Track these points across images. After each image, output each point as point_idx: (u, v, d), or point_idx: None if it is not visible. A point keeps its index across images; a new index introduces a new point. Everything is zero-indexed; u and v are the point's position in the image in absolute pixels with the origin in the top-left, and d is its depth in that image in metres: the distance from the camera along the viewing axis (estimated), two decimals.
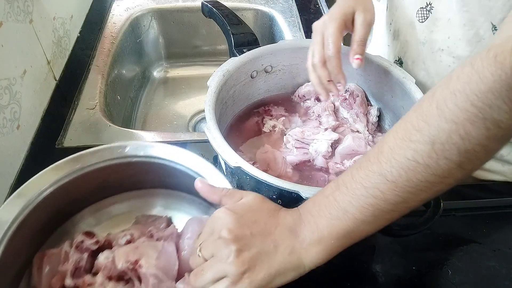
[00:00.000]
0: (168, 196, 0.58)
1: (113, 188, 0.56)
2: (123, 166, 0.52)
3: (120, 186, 0.56)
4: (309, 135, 0.64)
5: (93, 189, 0.53)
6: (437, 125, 0.34)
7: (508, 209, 0.65)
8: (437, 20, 0.60)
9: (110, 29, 1.02)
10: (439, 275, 0.57)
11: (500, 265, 0.58)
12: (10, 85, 0.67)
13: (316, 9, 1.15)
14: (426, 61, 0.65)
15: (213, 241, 0.39)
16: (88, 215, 0.55)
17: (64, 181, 0.49)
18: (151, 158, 0.52)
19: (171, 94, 1.15)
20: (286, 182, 0.47)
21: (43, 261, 0.47)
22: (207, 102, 0.57)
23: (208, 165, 0.50)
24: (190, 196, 0.57)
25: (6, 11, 0.68)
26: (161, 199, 0.58)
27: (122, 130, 0.77)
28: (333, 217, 0.38)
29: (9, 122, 0.66)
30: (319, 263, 0.39)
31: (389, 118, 0.67)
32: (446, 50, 0.60)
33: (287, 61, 0.70)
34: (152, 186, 0.58)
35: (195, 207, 0.57)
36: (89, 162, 0.51)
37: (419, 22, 0.62)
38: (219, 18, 0.78)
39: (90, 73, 0.89)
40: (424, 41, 0.64)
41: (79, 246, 0.48)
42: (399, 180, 0.36)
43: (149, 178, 0.56)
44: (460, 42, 0.58)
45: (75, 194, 0.52)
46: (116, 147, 0.52)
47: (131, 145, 0.52)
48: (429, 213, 0.48)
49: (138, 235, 0.50)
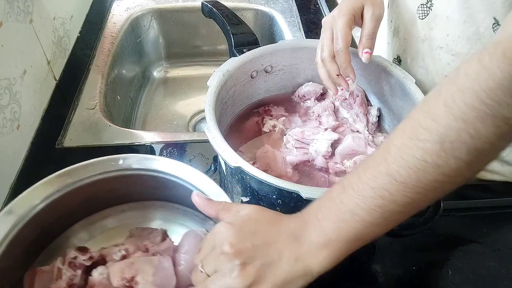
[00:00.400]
0: (162, 208, 0.56)
1: (105, 201, 0.54)
2: (116, 179, 0.50)
3: (113, 199, 0.54)
4: (309, 135, 0.64)
5: (85, 203, 0.51)
6: (445, 123, 0.33)
7: (508, 209, 0.65)
8: (437, 17, 0.60)
9: (110, 29, 1.02)
10: (439, 275, 0.57)
11: (500, 265, 0.58)
12: (10, 85, 0.67)
13: (316, 9, 1.15)
14: (425, 58, 0.65)
15: (216, 256, 0.38)
16: (80, 230, 0.53)
17: (55, 196, 0.47)
18: (145, 171, 0.50)
19: (171, 94, 1.15)
20: (286, 182, 0.47)
21: (35, 280, 0.45)
22: (207, 102, 0.57)
23: (204, 176, 0.49)
24: (185, 208, 0.55)
25: (6, 11, 0.68)
26: (155, 212, 0.56)
27: (122, 130, 0.77)
28: (340, 220, 0.37)
29: (9, 122, 0.66)
30: (328, 268, 0.38)
31: (389, 118, 0.67)
32: (445, 47, 0.60)
33: (287, 61, 0.70)
34: (145, 198, 0.56)
35: (190, 219, 0.55)
36: (81, 176, 0.49)
37: (420, 19, 0.62)
38: (219, 18, 0.78)
39: (90, 73, 0.89)
40: (423, 38, 0.63)
41: (72, 262, 0.46)
42: (408, 181, 0.35)
43: (143, 191, 0.54)
44: (460, 40, 0.58)
45: (66, 209, 0.50)
46: (109, 160, 0.50)
47: (124, 158, 0.51)
48: (429, 213, 0.48)
49: (133, 249, 0.48)
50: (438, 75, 0.64)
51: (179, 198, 0.53)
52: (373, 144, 0.64)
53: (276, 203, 0.52)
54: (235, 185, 0.57)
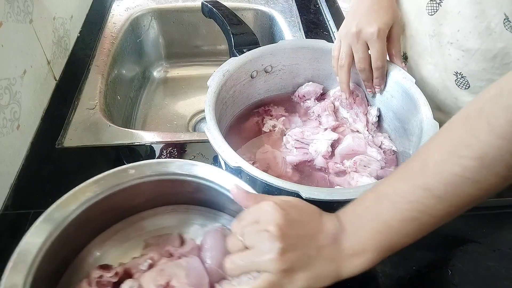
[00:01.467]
0: (171, 213, 0.55)
1: (116, 214, 0.52)
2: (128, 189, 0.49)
3: (123, 211, 0.53)
4: (309, 135, 0.64)
5: (103, 216, 0.50)
6: (487, 141, 0.34)
7: (508, 209, 0.65)
8: (447, 12, 0.59)
9: (110, 29, 1.02)
10: (439, 275, 0.57)
11: (500, 265, 0.58)
12: (10, 85, 0.67)
13: (316, 9, 1.15)
14: (433, 55, 0.64)
15: (258, 232, 0.38)
16: (94, 249, 0.51)
17: (86, 205, 0.46)
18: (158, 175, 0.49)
19: (171, 94, 1.15)
20: (286, 182, 0.47)
21: None
22: (207, 102, 0.57)
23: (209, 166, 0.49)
24: (195, 207, 0.55)
25: (6, 11, 0.68)
26: (166, 217, 0.55)
27: (122, 130, 0.77)
28: (376, 231, 0.38)
29: (9, 122, 0.66)
30: (356, 274, 0.39)
31: (389, 118, 0.67)
32: (456, 43, 0.60)
33: (287, 61, 0.70)
34: (150, 207, 0.55)
35: (202, 216, 0.55)
36: (108, 185, 0.47)
37: (429, 15, 0.62)
38: (219, 18, 0.78)
39: (90, 73, 0.89)
40: (432, 34, 0.63)
41: (99, 282, 0.45)
42: (445, 195, 0.36)
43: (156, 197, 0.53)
44: (471, 35, 0.58)
45: (86, 225, 0.47)
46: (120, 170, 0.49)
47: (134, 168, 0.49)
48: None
49: (157, 257, 0.48)
50: (447, 71, 0.64)
51: (185, 198, 0.53)
52: (373, 144, 0.64)
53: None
54: None
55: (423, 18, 0.63)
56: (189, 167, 0.50)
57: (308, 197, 0.45)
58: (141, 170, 0.49)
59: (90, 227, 0.49)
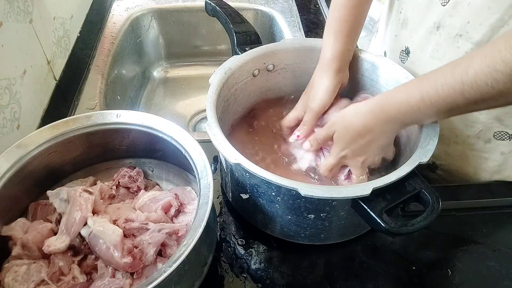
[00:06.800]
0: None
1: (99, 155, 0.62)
2: (113, 132, 0.58)
3: (106, 153, 0.62)
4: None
5: (81, 153, 0.59)
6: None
7: (508, 209, 0.65)
8: (457, 4, 0.58)
9: (110, 29, 1.02)
10: (439, 275, 0.57)
11: (500, 265, 0.58)
12: (10, 85, 0.67)
13: (316, 9, 1.16)
14: (439, 48, 0.63)
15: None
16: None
17: (58, 139, 0.56)
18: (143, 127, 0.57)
19: (171, 94, 1.15)
20: (285, 179, 0.47)
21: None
22: (208, 99, 0.57)
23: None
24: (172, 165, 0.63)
25: (6, 11, 0.68)
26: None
27: None
28: (420, 120, 0.54)
29: (9, 122, 0.66)
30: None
31: None
32: (465, 35, 0.58)
33: (289, 60, 0.70)
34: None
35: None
36: (83, 123, 0.57)
37: (442, 5, 0.60)
38: (222, 17, 0.78)
39: (90, 73, 0.89)
40: (442, 26, 0.61)
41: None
42: (474, 98, 0.45)
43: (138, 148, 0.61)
44: (481, 27, 0.56)
45: (66, 156, 0.57)
46: (108, 113, 0.58)
47: (123, 114, 0.58)
48: (427, 213, 0.47)
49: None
50: None
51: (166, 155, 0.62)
52: None
53: (276, 200, 0.52)
54: (235, 182, 0.57)
55: (435, 9, 0.61)
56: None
57: (306, 195, 0.46)
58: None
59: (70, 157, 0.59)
